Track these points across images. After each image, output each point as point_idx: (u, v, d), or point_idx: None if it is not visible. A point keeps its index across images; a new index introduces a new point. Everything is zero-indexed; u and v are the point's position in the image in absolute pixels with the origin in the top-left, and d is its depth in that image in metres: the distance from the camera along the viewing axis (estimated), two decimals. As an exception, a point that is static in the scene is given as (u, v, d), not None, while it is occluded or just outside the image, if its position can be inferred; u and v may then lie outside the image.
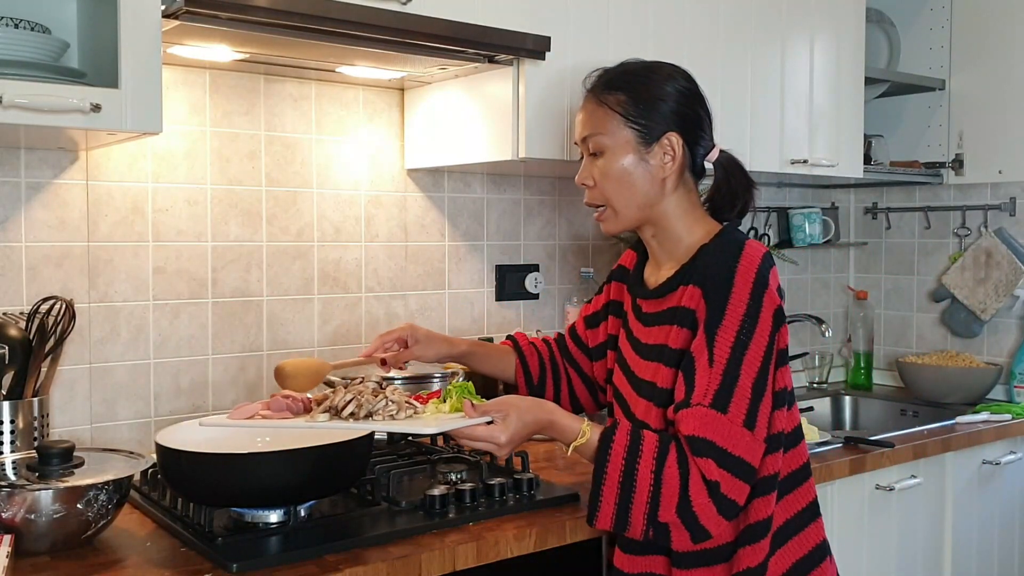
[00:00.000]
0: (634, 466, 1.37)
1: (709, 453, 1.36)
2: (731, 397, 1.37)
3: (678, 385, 1.43)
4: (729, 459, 1.36)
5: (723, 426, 1.36)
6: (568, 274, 2.63)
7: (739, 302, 1.40)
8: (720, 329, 1.40)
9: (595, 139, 1.53)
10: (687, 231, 1.54)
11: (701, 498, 1.35)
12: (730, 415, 1.37)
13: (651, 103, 1.51)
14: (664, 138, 1.50)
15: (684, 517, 1.36)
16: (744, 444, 1.37)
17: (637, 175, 1.51)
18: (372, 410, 1.49)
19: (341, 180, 2.23)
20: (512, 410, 1.44)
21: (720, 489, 1.35)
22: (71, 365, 1.88)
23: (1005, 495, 2.59)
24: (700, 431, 1.36)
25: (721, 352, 1.39)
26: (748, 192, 1.57)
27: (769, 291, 1.41)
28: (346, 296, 2.25)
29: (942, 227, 3.11)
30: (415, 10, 1.80)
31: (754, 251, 1.44)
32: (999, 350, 2.97)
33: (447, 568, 1.47)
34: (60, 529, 1.41)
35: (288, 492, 1.48)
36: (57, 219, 1.87)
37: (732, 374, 1.38)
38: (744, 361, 1.38)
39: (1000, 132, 2.95)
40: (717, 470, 1.35)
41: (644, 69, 1.56)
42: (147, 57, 1.54)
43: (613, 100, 1.52)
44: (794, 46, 2.56)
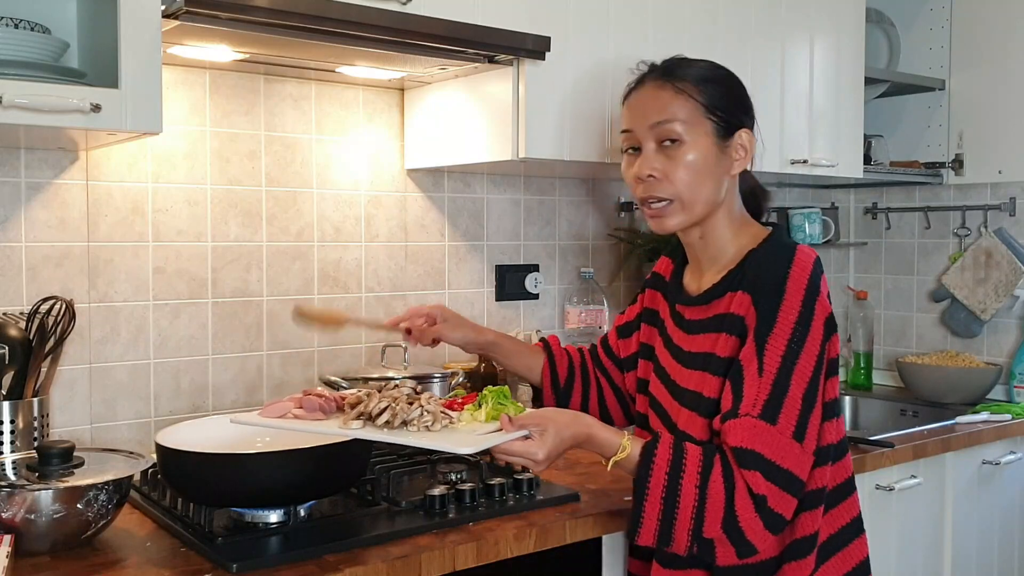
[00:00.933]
0: (678, 481, 1.31)
1: (757, 465, 1.30)
2: (781, 408, 1.32)
3: (724, 394, 1.37)
4: (777, 472, 1.30)
5: (772, 438, 1.31)
6: (568, 274, 2.63)
7: (791, 309, 1.35)
8: (771, 337, 1.34)
9: (670, 126, 1.42)
10: (733, 234, 1.48)
11: (747, 513, 1.30)
12: (779, 426, 1.31)
13: (728, 94, 1.45)
14: (738, 133, 1.45)
15: (730, 532, 1.31)
16: (793, 456, 1.31)
17: (714, 170, 1.43)
18: (407, 419, 1.43)
19: (341, 180, 2.23)
20: (550, 424, 1.37)
21: (767, 503, 1.30)
22: (71, 365, 1.88)
23: (1005, 495, 2.59)
24: (748, 443, 1.31)
25: (771, 361, 1.33)
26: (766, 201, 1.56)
27: (821, 298, 1.37)
28: (346, 296, 2.25)
29: (942, 227, 3.10)
30: (415, 10, 1.80)
31: (806, 257, 1.39)
32: (999, 350, 2.97)
33: (447, 568, 1.47)
34: (60, 529, 1.40)
35: (288, 492, 1.48)
36: (57, 219, 1.87)
37: (782, 384, 1.32)
38: (795, 371, 1.33)
39: (1000, 132, 2.95)
40: (765, 483, 1.30)
41: (708, 62, 1.49)
42: (147, 57, 1.54)
43: (694, 89, 1.43)
44: (794, 46, 2.56)
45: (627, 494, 1.75)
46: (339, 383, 2.06)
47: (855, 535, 1.48)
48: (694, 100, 1.43)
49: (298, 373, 2.17)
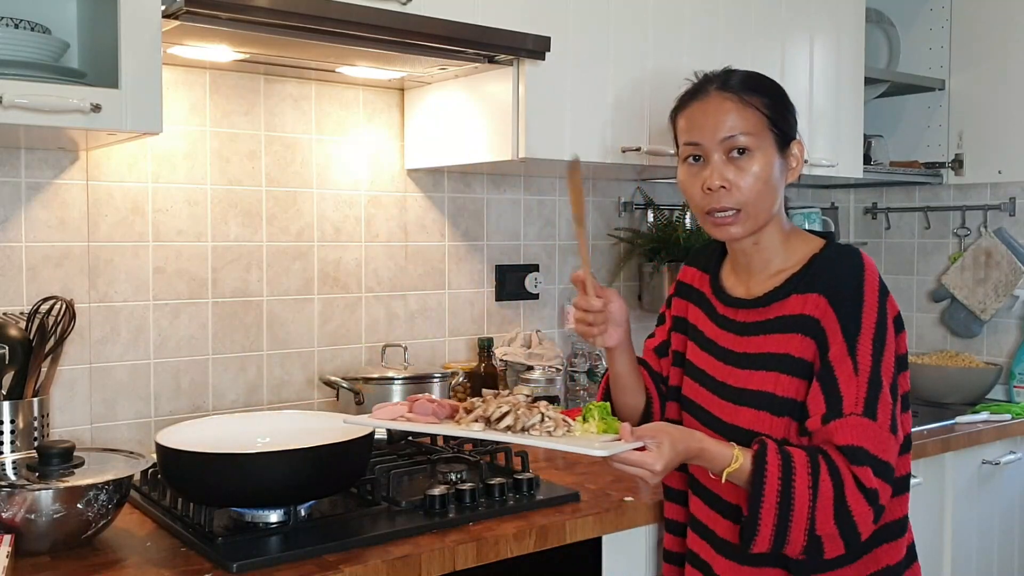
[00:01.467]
0: (790, 484, 1.35)
1: (866, 461, 1.36)
2: (878, 404, 1.38)
3: (814, 395, 1.40)
4: (881, 466, 1.37)
5: (875, 433, 1.37)
6: (568, 274, 2.63)
7: (871, 311, 1.42)
8: (860, 337, 1.40)
9: (743, 139, 1.46)
10: (783, 241, 1.52)
11: (860, 507, 1.35)
12: (879, 422, 1.38)
13: (784, 109, 1.51)
14: (793, 145, 1.51)
15: (842, 527, 1.35)
16: (891, 449, 1.39)
17: (776, 179, 1.49)
18: (527, 425, 1.44)
19: (341, 180, 2.23)
20: (666, 437, 1.38)
21: (878, 496, 1.36)
22: (71, 365, 1.88)
23: (1005, 495, 2.59)
24: (857, 440, 1.36)
25: (864, 360, 1.39)
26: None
27: (890, 299, 1.45)
28: (346, 296, 2.25)
29: (942, 227, 3.10)
30: (415, 10, 1.80)
31: (872, 263, 1.48)
32: (999, 350, 2.97)
33: (447, 568, 1.47)
34: (60, 529, 1.41)
35: (288, 492, 1.48)
36: (57, 219, 1.87)
37: (876, 381, 1.39)
38: (882, 367, 1.40)
39: (1000, 132, 2.95)
40: (875, 478, 1.36)
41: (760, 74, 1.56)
42: (147, 57, 1.54)
43: (758, 101, 1.48)
44: (794, 46, 2.56)
45: (627, 494, 1.76)
46: (339, 383, 2.07)
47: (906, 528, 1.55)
48: (760, 112, 1.47)
49: (298, 373, 2.17)
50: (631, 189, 2.75)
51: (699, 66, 2.30)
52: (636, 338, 1.64)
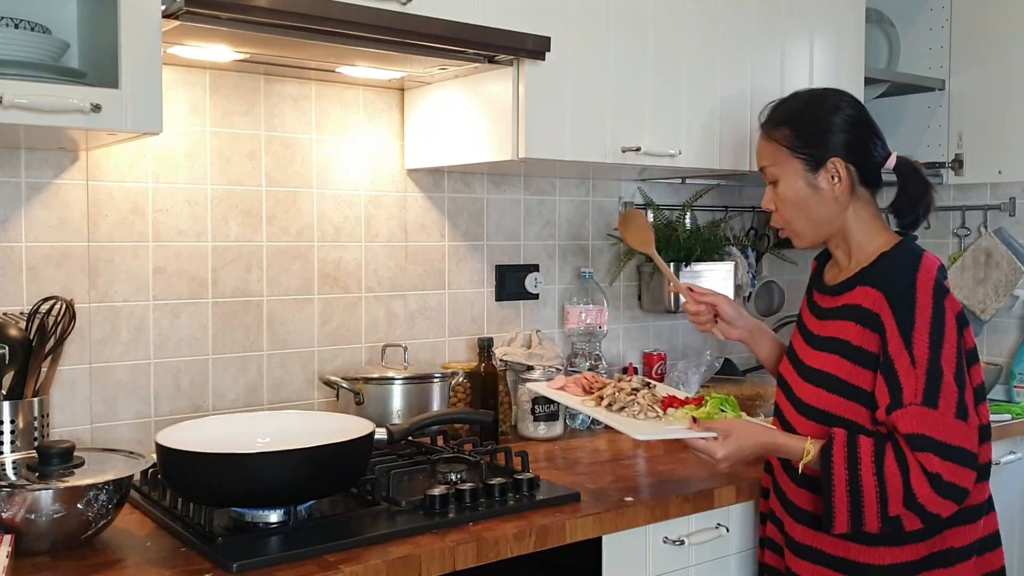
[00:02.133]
0: (856, 472, 1.51)
1: (928, 447, 1.48)
2: (939, 392, 1.50)
3: (880, 387, 1.54)
4: (949, 450, 1.47)
5: (937, 420, 1.49)
6: (568, 274, 2.64)
7: (925, 306, 1.53)
8: (915, 332, 1.52)
9: (769, 170, 1.70)
10: (867, 239, 1.67)
11: (924, 490, 1.47)
12: (941, 409, 1.49)
13: (813, 133, 1.66)
14: (829, 163, 1.64)
15: (912, 508, 1.48)
16: (961, 433, 1.49)
17: (810, 198, 1.67)
18: (622, 405, 1.78)
19: (341, 180, 2.23)
20: (735, 431, 1.62)
21: (943, 479, 1.47)
22: (71, 365, 1.88)
23: (1005, 495, 2.59)
24: (918, 428, 1.49)
25: (920, 353, 1.51)
26: (927, 195, 1.70)
27: (949, 297, 1.55)
28: (346, 296, 2.25)
29: (942, 227, 3.10)
30: (415, 10, 1.80)
31: (931, 262, 1.58)
32: (999, 350, 2.97)
33: (447, 568, 1.47)
34: (60, 529, 1.41)
35: (288, 492, 1.49)
36: (57, 219, 1.87)
37: (935, 371, 1.50)
38: (942, 358, 1.51)
39: (1000, 132, 2.95)
40: (939, 462, 1.47)
41: (809, 101, 1.71)
42: (147, 57, 1.54)
43: (779, 135, 1.68)
44: (794, 46, 2.56)
45: (627, 494, 1.76)
46: (339, 383, 2.07)
47: (992, 507, 1.69)
48: (780, 145, 1.68)
49: (298, 373, 2.17)
50: (631, 189, 2.75)
51: (699, 65, 2.31)
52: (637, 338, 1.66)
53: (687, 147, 2.29)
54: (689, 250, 2.64)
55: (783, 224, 1.72)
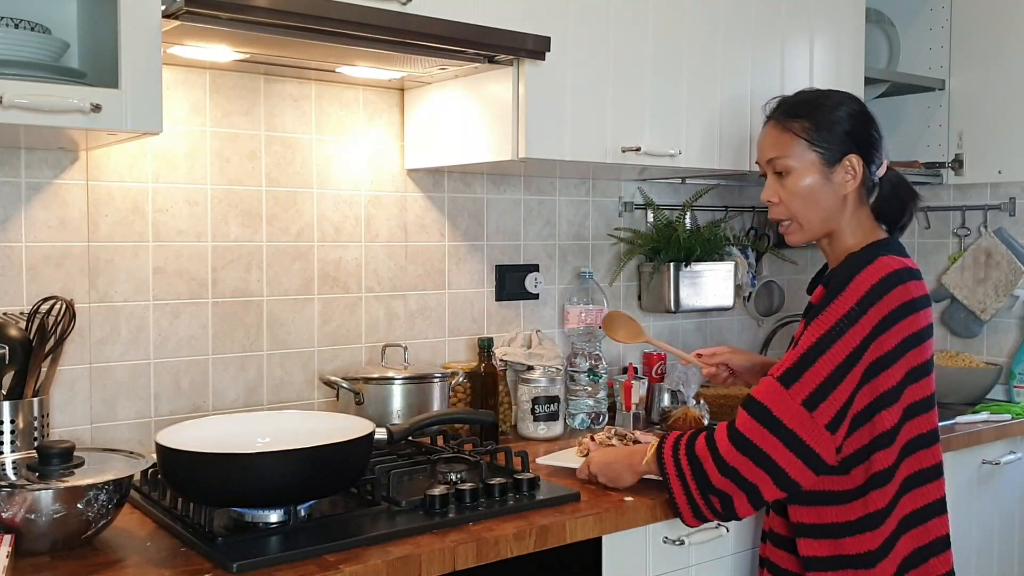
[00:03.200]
0: (677, 458, 1.62)
1: (755, 413, 1.54)
2: (799, 376, 1.53)
3: None
4: (781, 428, 1.51)
5: (781, 398, 1.52)
6: (568, 274, 2.63)
7: (844, 303, 1.54)
8: (816, 321, 1.56)
9: (781, 162, 1.68)
10: (857, 242, 1.68)
11: (723, 441, 1.56)
12: (792, 391, 1.52)
13: (831, 128, 1.66)
14: (845, 159, 1.65)
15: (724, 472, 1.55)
16: (799, 420, 1.51)
17: (822, 193, 1.67)
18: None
19: (341, 180, 2.23)
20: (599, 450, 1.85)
21: (741, 432, 1.54)
22: (71, 365, 1.88)
23: (1005, 495, 2.59)
24: (760, 396, 1.55)
25: (808, 339, 1.55)
26: (913, 202, 1.74)
27: (881, 304, 1.53)
28: (346, 296, 2.25)
29: (942, 227, 3.10)
30: (415, 10, 1.80)
31: (881, 266, 1.57)
32: (999, 350, 2.97)
33: (447, 568, 1.47)
34: (60, 529, 1.41)
35: (288, 492, 1.48)
36: (57, 219, 1.87)
37: (809, 358, 1.53)
38: (828, 352, 1.52)
39: (1000, 132, 2.95)
40: (752, 424, 1.53)
41: (821, 96, 1.72)
42: (147, 57, 1.54)
43: (797, 126, 1.67)
44: (794, 46, 2.56)
45: (627, 494, 1.76)
46: (339, 383, 2.07)
47: (937, 514, 1.69)
48: (799, 138, 1.67)
49: (298, 373, 2.17)
50: (631, 189, 2.75)
51: (699, 65, 2.31)
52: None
53: (687, 147, 2.29)
54: (689, 250, 2.64)
55: (786, 216, 1.71)
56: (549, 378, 2.28)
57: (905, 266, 1.60)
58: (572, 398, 2.36)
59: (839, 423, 1.53)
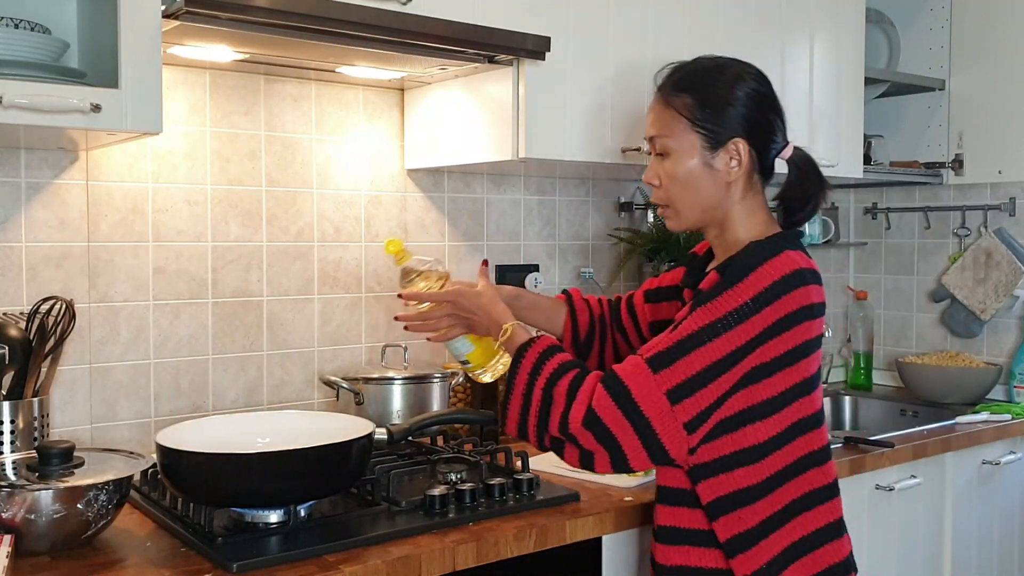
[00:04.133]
0: (533, 383, 1.44)
1: (613, 390, 1.36)
2: (669, 364, 1.35)
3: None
4: (636, 412, 1.34)
5: (645, 380, 1.35)
6: (568, 274, 2.63)
7: (739, 295, 1.36)
8: (702, 308, 1.37)
9: (661, 141, 1.51)
10: (750, 231, 1.50)
11: (576, 422, 1.37)
12: (658, 377, 1.35)
13: (719, 107, 1.48)
14: (731, 143, 1.47)
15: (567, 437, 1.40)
16: (656, 407, 1.35)
17: (702, 179, 1.49)
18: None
19: (341, 180, 2.23)
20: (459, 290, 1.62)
21: (599, 417, 1.35)
22: (71, 365, 1.88)
23: (1005, 495, 2.59)
24: (622, 374, 1.37)
25: (689, 325, 1.37)
26: (821, 191, 1.54)
27: (779, 304, 1.36)
28: (346, 296, 2.25)
29: (942, 227, 3.10)
30: (415, 10, 1.80)
31: (787, 261, 1.39)
32: (999, 350, 2.97)
33: (447, 568, 1.47)
34: (60, 529, 1.40)
35: (288, 492, 1.48)
36: (57, 219, 1.87)
37: (684, 347, 1.35)
38: (706, 345, 1.35)
39: (1000, 132, 2.95)
40: (610, 407, 1.35)
41: (714, 69, 1.51)
42: (147, 57, 1.54)
43: (680, 103, 1.49)
44: (794, 46, 2.56)
45: (627, 494, 1.76)
46: (339, 383, 2.07)
47: (832, 538, 1.48)
48: (680, 115, 1.49)
49: (298, 373, 2.17)
50: (631, 189, 2.75)
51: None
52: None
53: (687, 147, 2.29)
54: (689, 250, 2.64)
55: (664, 202, 1.53)
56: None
57: (811, 267, 1.43)
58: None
59: (699, 424, 1.36)
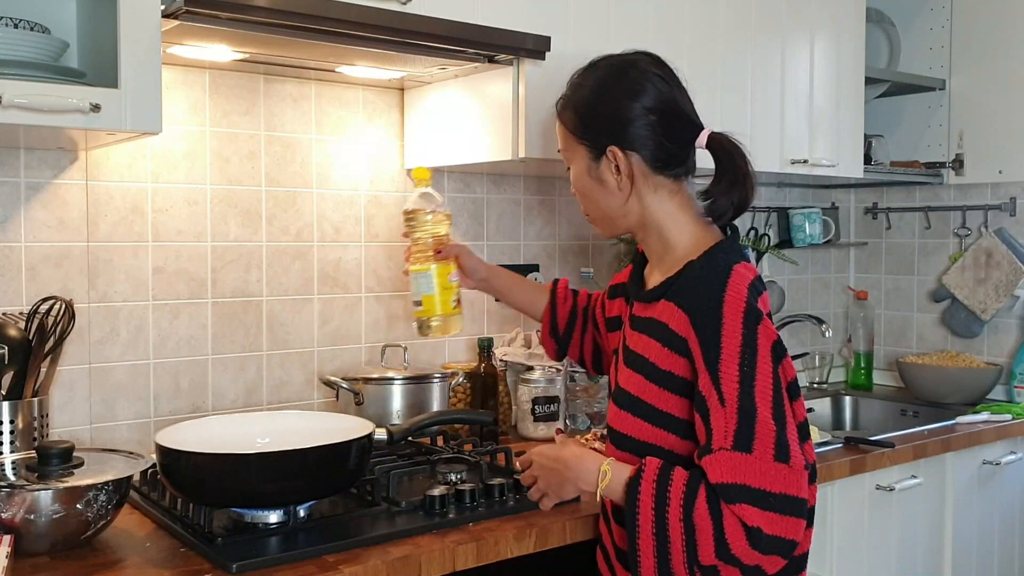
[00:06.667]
0: (664, 514, 1.28)
1: (744, 498, 1.25)
2: (753, 433, 1.27)
3: (698, 428, 1.33)
4: (770, 498, 1.25)
5: (752, 466, 1.26)
6: (568, 274, 2.63)
7: (733, 333, 1.30)
8: (721, 364, 1.30)
9: (563, 155, 1.54)
10: (676, 236, 1.45)
11: (740, 544, 1.25)
12: (756, 453, 1.27)
13: (592, 116, 1.46)
14: (608, 151, 1.44)
15: (727, 560, 1.28)
16: (782, 479, 1.26)
17: (595, 190, 1.48)
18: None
19: (341, 180, 2.23)
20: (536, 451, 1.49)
21: (763, 533, 1.25)
22: (71, 365, 1.88)
23: (1005, 495, 2.59)
24: (730, 477, 1.26)
25: (729, 388, 1.29)
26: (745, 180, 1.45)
27: (763, 324, 1.32)
28: (346, 296, 2.25)
29: (942, 227, 3.10)
30: (415, 10, 1.80)
31: (741, 279, 1.34)
32: (999, 350, 2.97)
33: (447, 568, 1.47)
34: (60, 529, 1.40)
35: (288, 492, 1.48)
36: (57, 219, 1.87)
37: (748, 408, 1.28)
38: (756, 392, 1.28)
39: (1000, 132, 2.95)
40: (758, 514, 1.25)
41: (583, 74, 1.50)
42: (147, 57, 1.54)
43: (566, 116, 1.50)
44: (794, 46, 2.56)
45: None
46: (339, 383, 2.07)
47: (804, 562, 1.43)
48: (565, 128, 1.50)
49: (298, 373, 2.17)
50: (631, 189, 2.75)
51: (698, 66, 2.30)
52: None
53: (687, 147, 2.29)
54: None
55: (583, 212, 1.54)
56: (549, 378, 2.28)
57: (756, 274, 1.38)
58: (572, 398, 2.36)
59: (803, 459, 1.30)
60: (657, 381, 1.38)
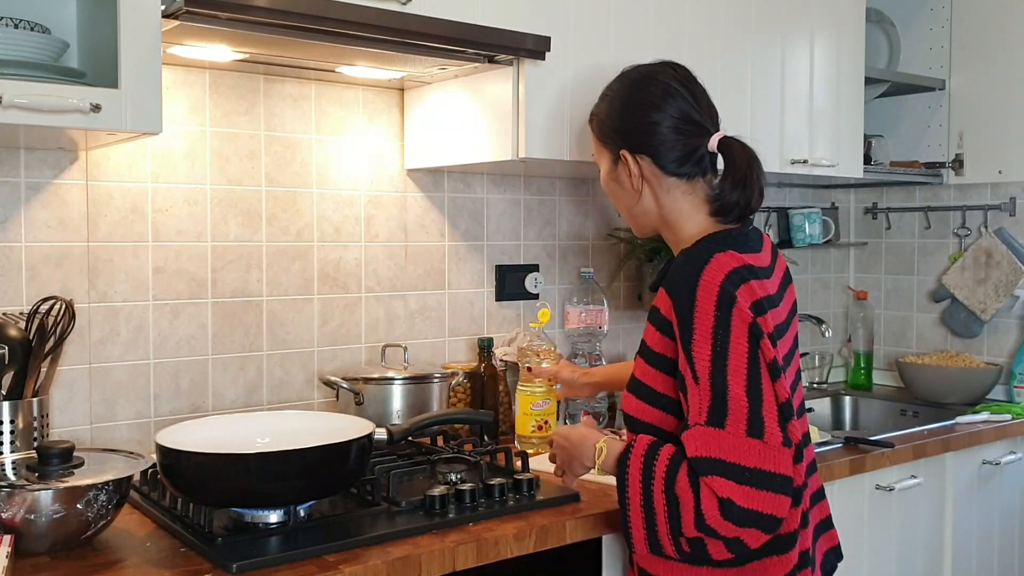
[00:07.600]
0: (650, 488, 1.38)
1: (715, 471, 1.32)
2: (726, 410, 1.34)
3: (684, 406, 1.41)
4: (745, 473, 1.31)
5: (725, 441, 1.33)
6: (568, 274, 2.63)
7: (706, 315, 1.36)
8: (694, 344, 1.37)
9: (595, 157, 1.66)
10: (689, 233, 1.54)
11: (713, 515, 1.32)
12: (728, 428, 1.33)
13: (611, 122, 1.59)
14: (622, 155, 1.56)
15: (706, 532, 1.35)
16: (756, 454, 1.32)
17: (618, 191, 1.61)
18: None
19: (341, 180, 2.23)
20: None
21: (735, 504, 1.30)
22: (71, 365, 1.88)
23: (1005, 495, 2.59)
24: (703, 451, 1.33)
25: (702, 367, 1.36)
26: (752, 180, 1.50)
27: (737, 307, 1.36)
28: (346, 296, 2.25)
29: (942, 227, 3.10)
30: (415, 10, 1.80)
31: (718, 268, 1.39)
32: (999, 350, 2.97)
33: (447, 568, 1.47)
34: (60, 529, 1.40)
35: (288, 492, 1.48)
36: (57, 219, 1.87)
37: (719, 387, 1.34)
38: (728, 371, 1.34)
39: (1000, 132, 2.95)
40: (731, 486, 1.31)
41: (616, 87, 1.62)
42: (147, 57, 1.54)
43: (594, 123, 1.63)
44: (794, 46, 2.56)
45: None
46: (339, 383, 2.07)
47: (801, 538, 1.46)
48: (593, 132, 1.64)
49: (298, 373, 2.17)
50: (631, 189, 2.75)
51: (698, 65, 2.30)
52: (637, 338, 1.66)
53: (687, 147, 2.29)
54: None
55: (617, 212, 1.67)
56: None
57: (743, 263, 1.40)
58: (571, 399, 2.36)
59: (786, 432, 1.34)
60: (654, 364, 1.48)
